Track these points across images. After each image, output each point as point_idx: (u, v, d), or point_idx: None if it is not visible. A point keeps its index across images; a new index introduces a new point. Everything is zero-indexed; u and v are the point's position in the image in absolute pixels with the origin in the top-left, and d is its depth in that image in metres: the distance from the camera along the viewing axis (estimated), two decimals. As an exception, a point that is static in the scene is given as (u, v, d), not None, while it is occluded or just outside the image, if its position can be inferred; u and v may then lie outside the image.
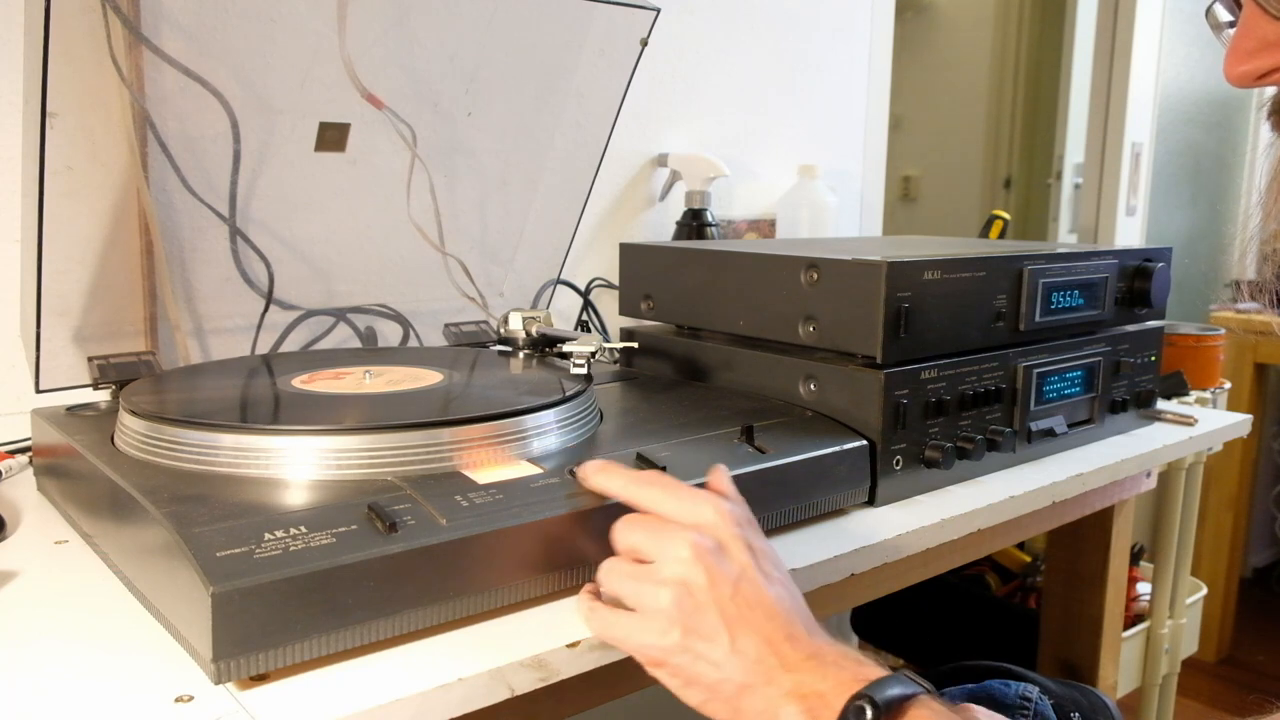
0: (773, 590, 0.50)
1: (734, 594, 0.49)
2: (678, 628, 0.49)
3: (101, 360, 0.79)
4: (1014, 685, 0.80)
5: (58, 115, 0.75)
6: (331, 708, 0.45)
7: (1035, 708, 0.78)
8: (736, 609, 0.49)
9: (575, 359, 0.78)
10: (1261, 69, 0.47)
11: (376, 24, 0.89)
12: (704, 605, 0.49)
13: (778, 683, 0.48)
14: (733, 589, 0.49)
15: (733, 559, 0.50)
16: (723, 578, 0.49)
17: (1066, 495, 0.83)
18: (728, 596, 0.49)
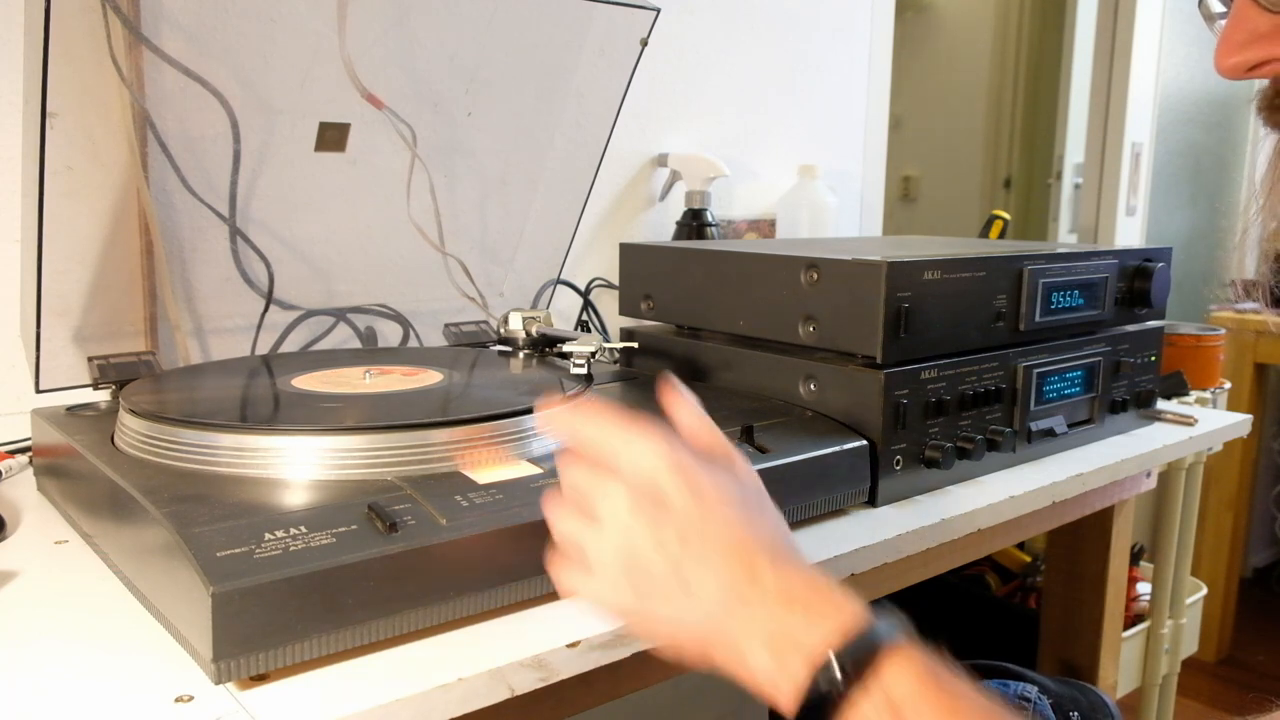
0: (728, 529, 0.47)
1: (681, 544, 0.47)
2: (628, 589, 0.47)
3: (101, 360, 0.79)
4: (1013, 685, 0.80)
5: (58, 115, 0.75)
6: (331, 708, 0.45)
7: (1034, 708, 0.78)
8: (686, 558, 0.46)
9: (575, 359, 0.78)
10: (1251, 60, 0.47)
11: (376, 24, 0.89)
12: (649, 564, 0.47)
13: (742, 622, 0.45)
14: (679, 540, 0.47)
15: (675, 509, 0.47)
16: (666, 531, 0.47)
17: (1066, 495, 0.83)
18: (675, 549, 0.46)
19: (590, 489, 0.49)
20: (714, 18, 1.40)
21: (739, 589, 0.46)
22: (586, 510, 0.49)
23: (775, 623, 0.45)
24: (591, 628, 0.53)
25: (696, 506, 0.47)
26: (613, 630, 0.53)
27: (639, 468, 0.48)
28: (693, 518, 0.47)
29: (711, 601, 0.46)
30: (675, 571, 0.46)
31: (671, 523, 0.47)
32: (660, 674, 0.63)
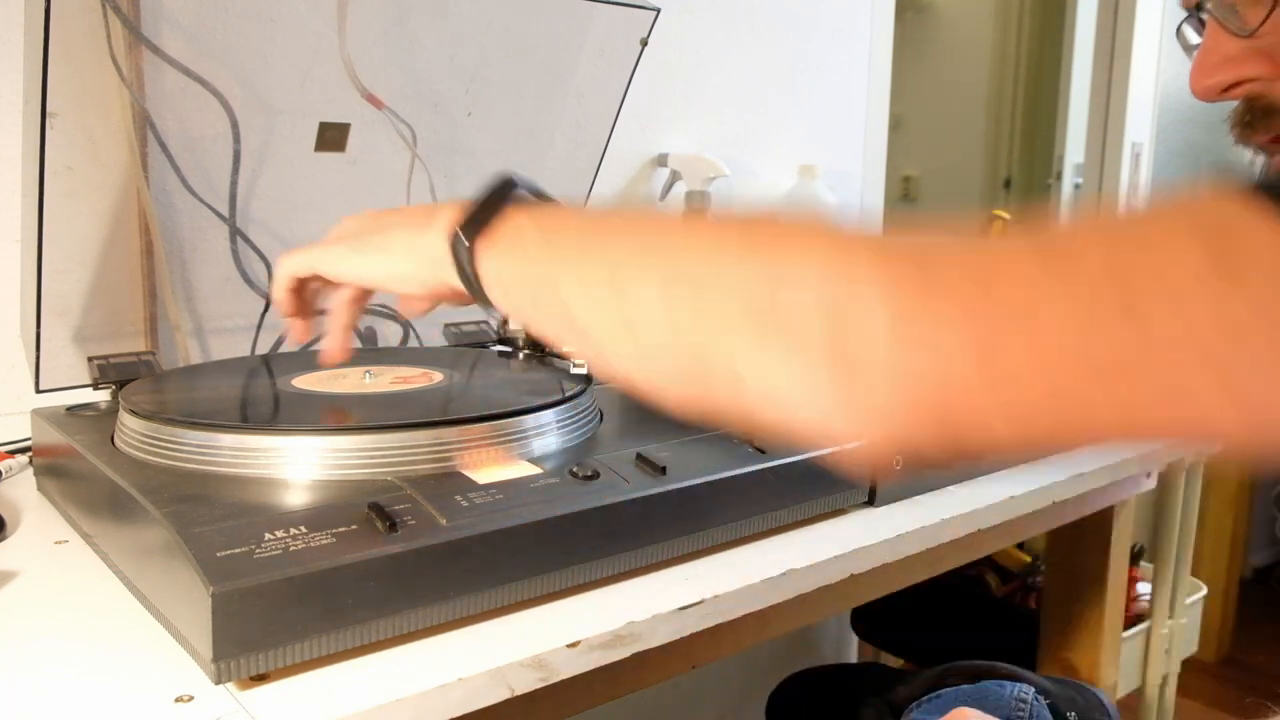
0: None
1: (382, 216, 0.58)
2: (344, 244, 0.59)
3: (101, 360, 0.79)
4: (1009, 686, 0.80)
5: (58, 115, 0.75)
6: (331, 708, 0.45)
7: (1031, 709, 0.78)
8: (388, 223, 0.57)
9: (575, 359, 0.78)
10: (1224, 82, 0.48)
11: (376, 24, 0.89)
12: (360, 228, 0.59)
13: (420, 236, 0.54)
14: (380, 216, 0.59)
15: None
16: (374, 218, 0.59)
17: (1066, 495, 0.83)
18: (378, 220, 0.58)
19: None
20: (714, 18, 1.40)
21: (420, 220, 0.54)
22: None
23: (426, 223, 0.53)
24: (591, 628, 0.53)
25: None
26: (613, 630, 0.53)
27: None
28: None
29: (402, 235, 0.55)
30: (378, 229, 0.57)
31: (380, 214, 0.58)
32: (660, 674, 0.63)
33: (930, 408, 0.35)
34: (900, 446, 0.37)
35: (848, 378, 0.36)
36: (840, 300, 0.36)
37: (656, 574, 0.60)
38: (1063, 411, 0.34)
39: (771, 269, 0.39)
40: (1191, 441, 0.36)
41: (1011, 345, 0.33)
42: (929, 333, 0.34)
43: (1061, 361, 0.33)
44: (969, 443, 0.36)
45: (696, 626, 0.57)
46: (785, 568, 0.62)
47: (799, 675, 1.13)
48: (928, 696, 0.82)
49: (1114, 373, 0.32)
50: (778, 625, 0.69)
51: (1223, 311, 0.30)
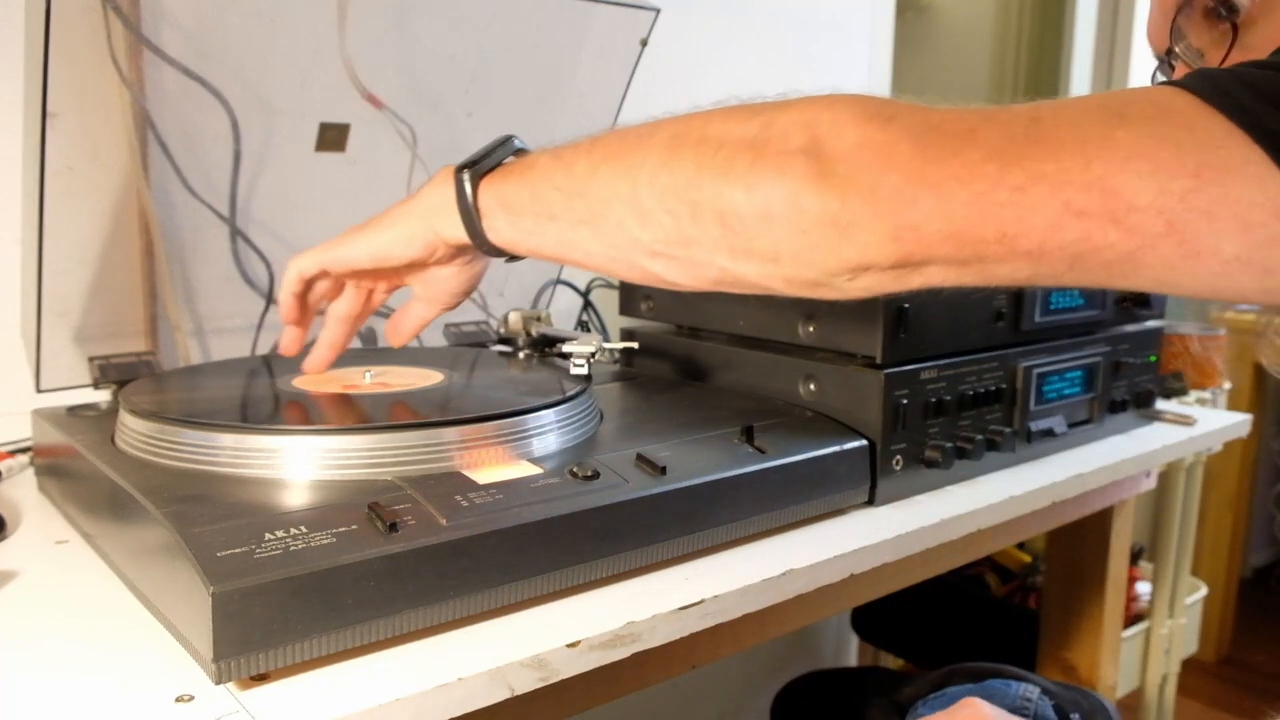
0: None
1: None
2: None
3: (102, 360, 0.79)
4: (1014, 685, 0.80)
5: (58, 115, 0.75)
6: (331, 708, 0.45)
7: (1035, 708, 0.78)
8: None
9: (575, 359, 0.78)
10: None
11: (376, 24, 0.89)
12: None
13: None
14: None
15: None
16: None
17: (1066, 495, 0.83)
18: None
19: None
20: (714, 18, 1.40)
21: (418, 192, 0.61)
22: None
23: (425, 188, 0.60)
24: (591, 628, 0.53)
25: None
26: (613, 630, 0.53)
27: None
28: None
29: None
30: (378, 216, 0.63)
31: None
32: (660, 674, 0.63)
33: (891, 212, 0.42)
34: (865, 262, 0.44)
35: (828, 184, 0.43)
36: (819, 122, 0.46)
37: (656, 574, 0.60)
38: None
39: (765, 114, 0.49)
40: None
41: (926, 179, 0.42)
42: (886, 152, 0.43)
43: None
44: (917, 253, 0.43)
45: (696, 626, 0.57)
46: (785, 568, 0.62)
47: (804, 678, 1.13)
48: (933, 695, 0.82)
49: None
50: (778, 625, 0.69)
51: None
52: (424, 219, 0.60)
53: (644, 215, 0.50)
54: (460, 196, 0.57)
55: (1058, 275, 0.42)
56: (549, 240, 0.55)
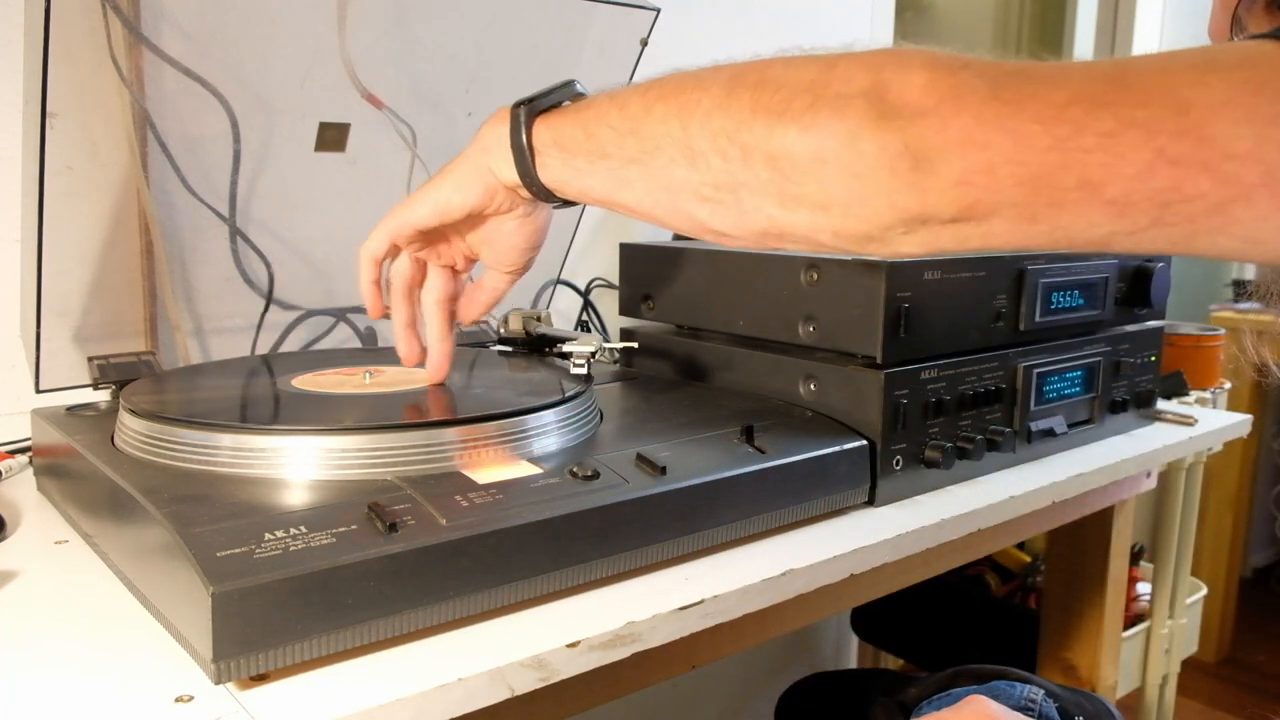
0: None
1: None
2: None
3: (101, 360, 0.79)
4: (1019, 687, 0.80)
5: (58, 115, 0.75)
6: (331, 708, 0.45)
7: (1040, 709, 0.78)
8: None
9: (575, 359, 0.78)
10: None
11: (376, 24, 0.89)
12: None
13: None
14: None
15: None
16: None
17: (1066, 495, 0.83)
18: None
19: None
20: (714, 17, 1.40)
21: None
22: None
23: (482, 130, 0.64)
24: (591, 628, 0.53)
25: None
26: (613, 630, 0.53)
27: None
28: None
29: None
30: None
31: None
32: (660, 674, 0.63)
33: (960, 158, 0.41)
34: (924, 212, 0.42)
35: (889, 125, 0.42)
36: (884, 67, 0.43)
37: (656, 574, 0.60)
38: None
39: (828, 59, 0.46)
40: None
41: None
42: (957, 95, 0.41)
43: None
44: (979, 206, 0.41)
45: (696, 626, 0.57)
46: (785, 568, 0.62)
47: (808, 679, 1.13)
48: (937, 696, 0.82)
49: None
50: (778, 625, 0.69)
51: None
52: (479, 159, 0.61)
53: (694, 156, 0.49)
54: (514, 132, 0.58)
55: (1136, 231, 0.40)
56: (598, 180, 0.55)
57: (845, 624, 1.68)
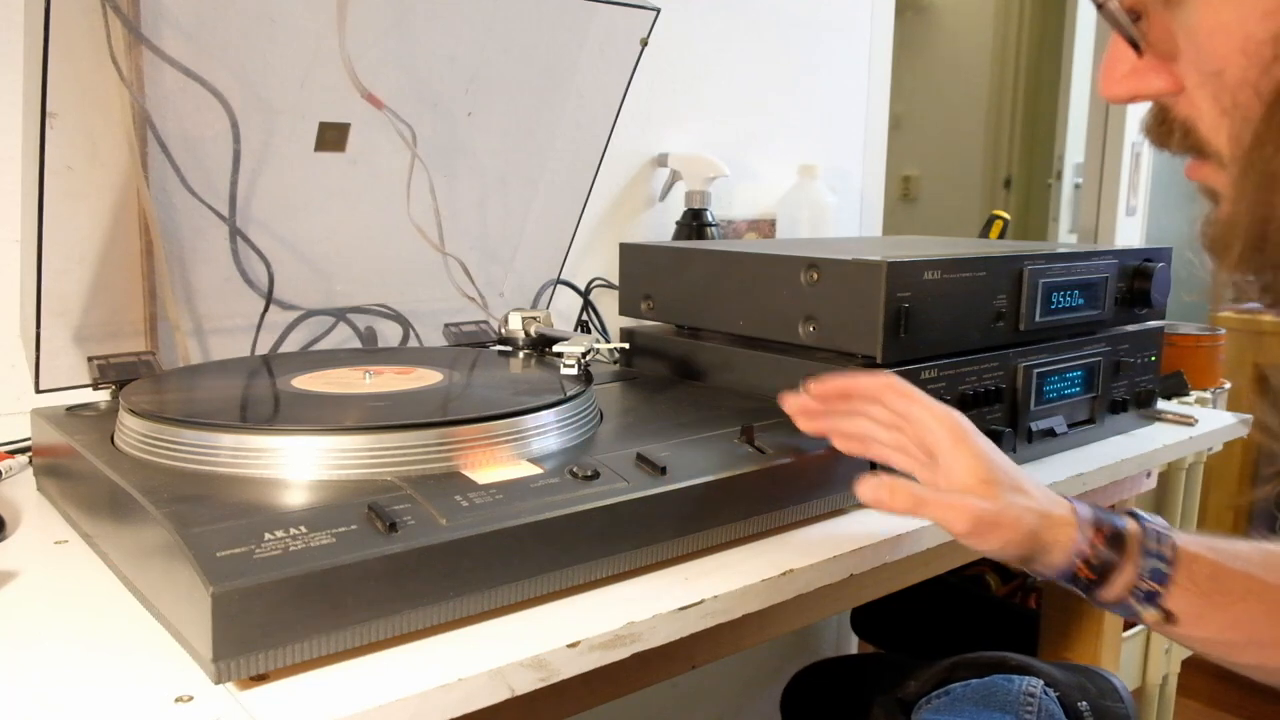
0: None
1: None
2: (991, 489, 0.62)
3: (101, 360, 0.79)
4: (1017, 681, 0.80)
5: (58, 115, 0.75)
6: (331, 708, 0.45)
7: (1040, 703, 0.78)
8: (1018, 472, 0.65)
9: (566, 359, 0.78)
10: (1129, 94, 0.49)
11: (376, 24, 0.89)
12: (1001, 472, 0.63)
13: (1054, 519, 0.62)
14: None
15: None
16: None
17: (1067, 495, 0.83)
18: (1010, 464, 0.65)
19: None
20: (714, 18, 1.40)
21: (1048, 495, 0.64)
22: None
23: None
24: (591, 628, 0.53)
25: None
26: (613, 630, 0.53)
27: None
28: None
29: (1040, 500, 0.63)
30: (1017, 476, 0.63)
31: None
32: (660, 674, 0.63)
33: None
34: None
35: None
36: None
37: (656, 574, 0.60)
38: None
39: None
40: None
41: None
42: None
43: None
44: None
45: (696, 626, 0.57)
46: (785, 568, 0.62)
47: (812, 667, 1.13)
48: (936, 693, 0.81)
49: None
50: (778, 625, 0.69)
51: None
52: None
53: None
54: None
55: None
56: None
57: (845, 624, 1.68)
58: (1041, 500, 0.63)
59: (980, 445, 0.63)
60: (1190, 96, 0.44)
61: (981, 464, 0.62)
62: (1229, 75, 0.41)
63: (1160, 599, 0.60)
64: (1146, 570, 0.60)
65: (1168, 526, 0.63)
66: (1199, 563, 0.61)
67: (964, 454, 0.62)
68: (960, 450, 0.62)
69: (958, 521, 0.60)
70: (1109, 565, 0.61)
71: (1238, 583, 0.60)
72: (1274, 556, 0.62)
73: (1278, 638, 0.60)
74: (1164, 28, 0.44)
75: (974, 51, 3.31)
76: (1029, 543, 0.61)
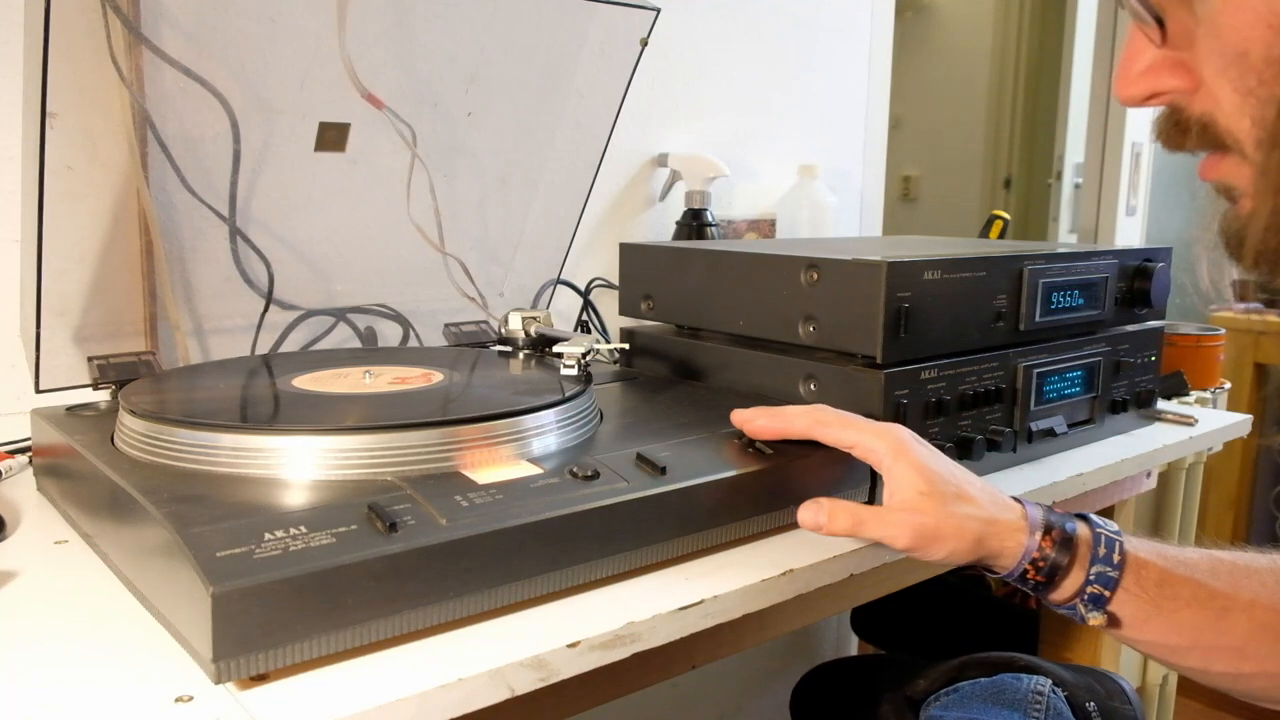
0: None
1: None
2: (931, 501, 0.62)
3: (101, 360, 0.79)
4: (1025, 679, 0.80)
5: (58, 115, 0.75)
6: (331, 708, 0.45)
7: (1048, 702, 0.78)
8: (963, 478, 0.64)
9: (566, 360, 0.78)
10: (1145, 92, 0.49)
11: (376, 24, 0.89)
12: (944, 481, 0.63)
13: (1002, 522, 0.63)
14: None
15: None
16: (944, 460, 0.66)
17: (1066, 495, 0.83)
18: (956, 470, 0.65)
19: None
20: (714, 18, 1.40)
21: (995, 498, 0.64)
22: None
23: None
24: (591, 628, 0.53)
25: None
26: (613, 630, 0.53)
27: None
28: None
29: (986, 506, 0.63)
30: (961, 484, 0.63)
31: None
32: (660, 674, 0.63)
33: None
34: None
35: None
36: None
37: (656, 574, 0.60)
38: None
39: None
40: None
41: None
42: None
43: None
44: None
45: (697, 626, 0.57)
46: (785, 568, 0.62)
47: (821, 668, 1.13)
48: (945, 690, 0.82)
49: None
50: (778, 625, 0.69)
51: None
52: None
53: None
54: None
55: None
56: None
57: (845, 624, 1.67)
58: (988, 507, 0.63)
59: (920, 457, 0.63)
60: (1209, 88, 0.44)
61: (921, 476, 0.62)
62: (1254, 55, 0.41)
63: (1106, 603, 0.61)
64: (1094, 575, 0.61)
65: (1118, 531, 0.63)
66: (1147, 568, 0.61)
67: (903, 468, 0.62)
68: (899, 465, 0.62)
69: (899, 538, 0.61)
70: (1057, 568, 0.61)
71: (1184, 588, 0.61)
72: (1221, 563, 0.62)
73: (1220, 642, 0.61)
74: (1180, 19, 0.44)
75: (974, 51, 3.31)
76: (976, 549, 0.61)
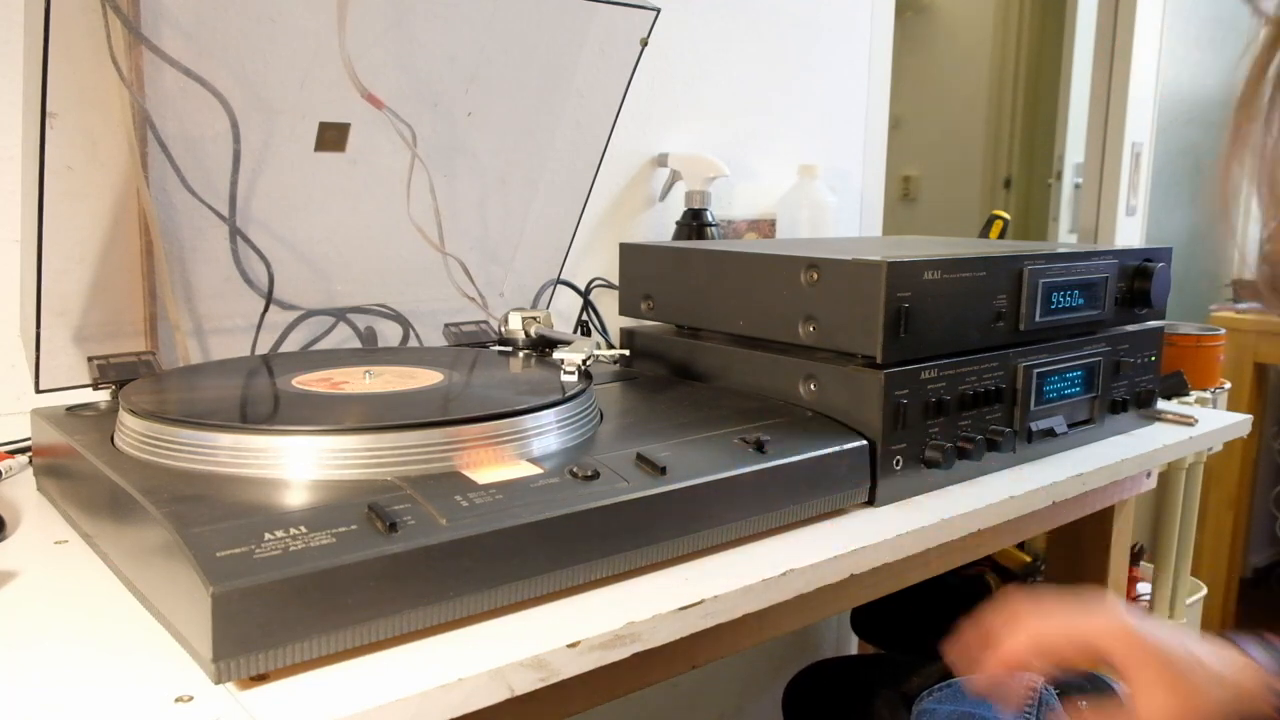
0: None
1: None
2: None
3: (101, 360, 0.79)
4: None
5: (58, 115, 0.75)
6: (331, 708, 0.45)
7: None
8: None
9: (566, 365, 0.78)
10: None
11: (376, 24, 0.89)
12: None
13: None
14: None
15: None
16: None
17: (1066, 495, 0.83)
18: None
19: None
20: (714, 18, 1.40)
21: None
22: None
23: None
24: (591, 628, 0.53)
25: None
26: (613, 630, 0.53)
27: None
28: None
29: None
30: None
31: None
32: (660, 674, 0.63)
33: None
34: None
35: None
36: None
37: (656, 574, 0.60)
38: None
39: None
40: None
41: None
42: None
43: None
44: None
45: (697, 626, 0.57)
46: (785, 568, 0.62)
47: (814, 666, 1.13)
48: (938, 685, 0.82)
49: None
50: (778, 625, 0.69)
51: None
52: None
53: None
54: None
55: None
56: None
57: (845, 624, 1.68)
58: (1221, 670, 0.61)
59: (1158, 648, 0.61)
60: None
61: (1168, 671, 0.60)
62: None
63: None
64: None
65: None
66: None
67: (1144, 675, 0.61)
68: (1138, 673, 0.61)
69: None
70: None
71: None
72: None
73: None
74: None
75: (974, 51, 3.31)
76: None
